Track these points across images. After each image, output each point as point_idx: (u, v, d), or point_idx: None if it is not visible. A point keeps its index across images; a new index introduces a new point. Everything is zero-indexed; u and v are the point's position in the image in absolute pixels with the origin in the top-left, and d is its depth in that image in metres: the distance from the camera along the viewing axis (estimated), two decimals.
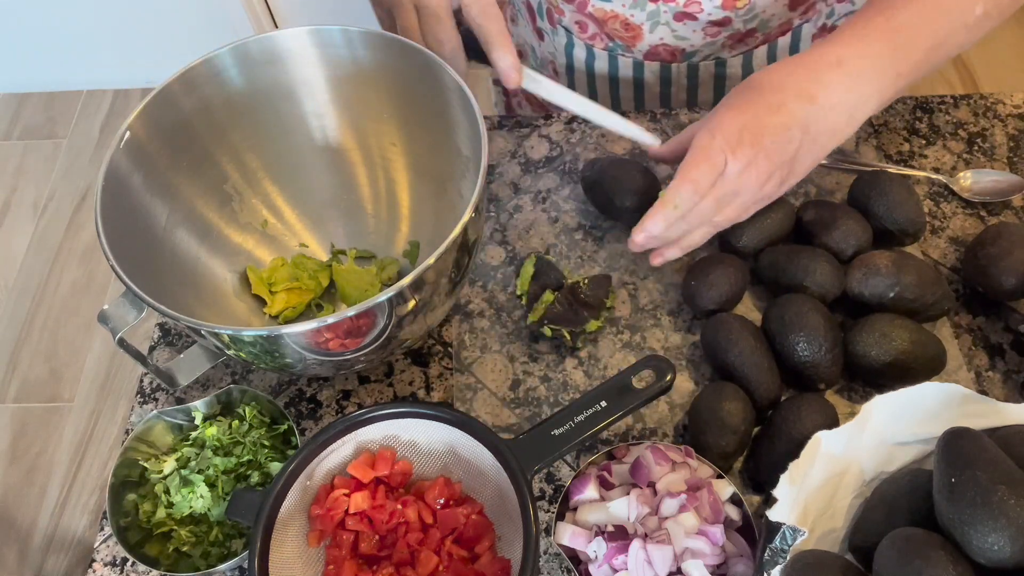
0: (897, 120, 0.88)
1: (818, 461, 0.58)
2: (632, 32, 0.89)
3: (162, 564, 0.63)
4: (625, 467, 0.63)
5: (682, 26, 0.87)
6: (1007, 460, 0.51)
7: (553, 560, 0.64)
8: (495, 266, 0.80)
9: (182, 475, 0.66)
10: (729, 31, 0.87)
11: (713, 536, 0.58)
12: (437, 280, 0.62)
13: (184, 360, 0.72)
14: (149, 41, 2.22)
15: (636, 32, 0.89)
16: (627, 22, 0.88)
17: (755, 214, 0.76)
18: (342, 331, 0.59)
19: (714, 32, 0.88)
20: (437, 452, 0.64)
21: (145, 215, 0.69)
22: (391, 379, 0.75)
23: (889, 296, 0.69)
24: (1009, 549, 0.48)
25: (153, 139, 0.69)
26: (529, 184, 0.86)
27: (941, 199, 0.82)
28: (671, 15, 0.86)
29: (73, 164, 2.25)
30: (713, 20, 0.86)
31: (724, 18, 0.85)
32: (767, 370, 0.67)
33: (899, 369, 0.66)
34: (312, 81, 0.74)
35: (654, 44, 0.90)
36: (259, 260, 0.79)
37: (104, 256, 0.60)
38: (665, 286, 0.78)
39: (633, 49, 0.92)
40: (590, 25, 0.92)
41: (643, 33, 0.89)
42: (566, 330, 0.72)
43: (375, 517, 0.60)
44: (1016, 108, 0.88)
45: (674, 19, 0.86)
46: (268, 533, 0.58)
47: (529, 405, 0.72)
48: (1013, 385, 0.70)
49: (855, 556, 0.58)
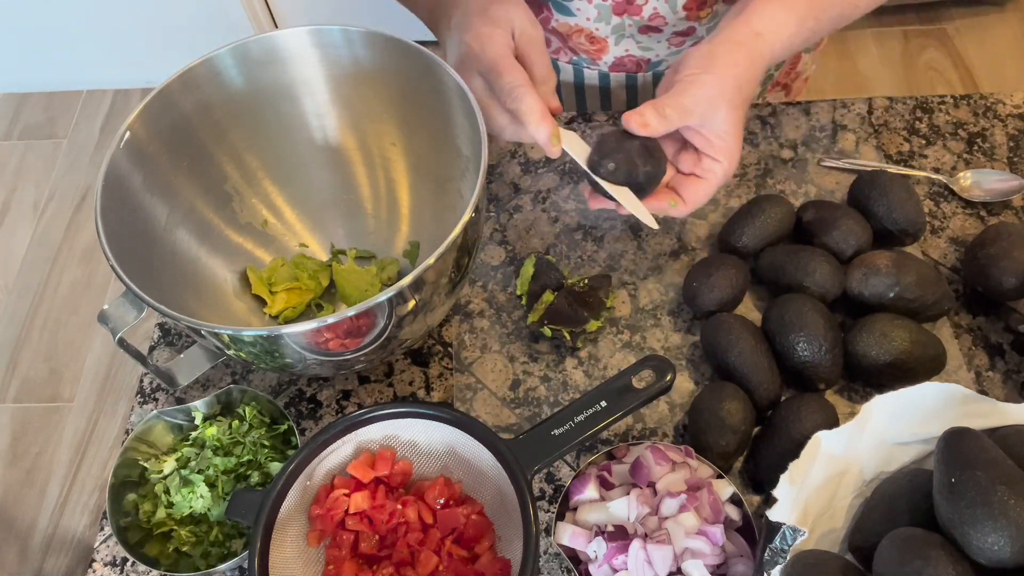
0: (897, 120, 0.88)
1: (818, 461, 0.58)
2: (597, 45, 0.89)
3: (162, 564, 0.63)
4: (625, 467, 0.63)
5: (647, 38, 0.87)
6: (1007, 460, 0.51)
7: (553, 560, 0.64)
8: (495, 266, 0.80)
9: (182, 475, 0.66)
10: (693, 40, 0.88)
11: (713, 536, 0.58)
12: (437, 280, 0.62)
13: (184, 360, 0.72)
14: (149, 41, 2.22)
15: (601, 45, 0.89)
16: (592, 36, 0.88)
17: (755, 214, 0.77)
18: (342, 331, 0.59)
19: (679, 42, 0.88)
20: (437, 452, 0.64)
21: (145, 215, 0.69)
22: (391, 379, 0.75)
23: (889, 296, 0.69)
24: (1009, 549, 0.48)
25: (153, 139, 0.69)
26: (529, 184, 0.86)
27: (941, 199, 0.82)
28: (636, 28, 0.86)
29: (73, 164, 2.24)
30: (677, 31, 0.86)
31: (688, 28, 0.86)
32: (767, 370, 0.67)
33: (899, 369, 0.66)
34: (312, 81, 0.74)
35: (619, 56, 0.90)
36: (259, 260, 0.79)
37: (104, 256, 0.60)
38: (665, 286, 0.78)
39: (598, 62, 0.92)
40: (554, 40, 0.92)
41: (608, 46, 0.89)
42: (566, 330, 0.72)
43: (375, 517, 0.60)
44: (1016, 108, 0.88)
45: (639, 32, 0.86)
46: (268, 533, 0.58)
47: (529, 405, 0.72)
48: (1013, 385, 0.70)
49: (855, 556, 0.58)
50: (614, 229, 0.82)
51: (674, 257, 0.80)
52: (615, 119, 0.90)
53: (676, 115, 0.65)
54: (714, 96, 0.65)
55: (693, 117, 0.65)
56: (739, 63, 0.65)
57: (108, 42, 2.27)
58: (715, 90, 0.64)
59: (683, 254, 0.80)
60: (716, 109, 0.65)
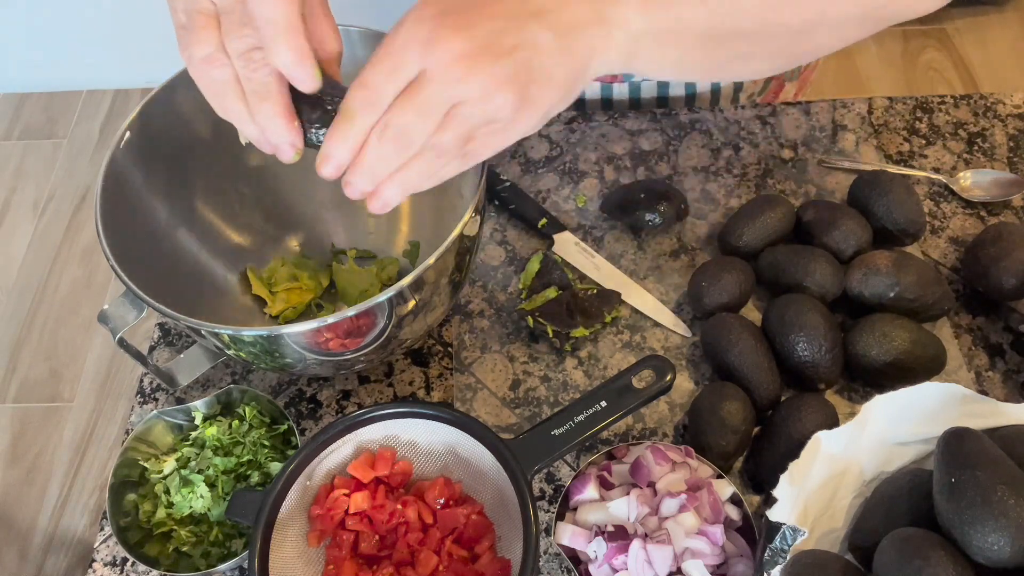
0: (897, 120, 0.88)
1: (818, 461, 0.58)
2: None
3: (162, 564, 0.63)
4: (625, 467, 0.63)
5: None
6: (1007, 460, 0.51)
7: (553, 560, 0.64)
8: (495, 266, 0.80)
9: (182, 475, 0.66)
10: None
11: (713, 536, 0.58)
12: (437, 280, 0.62)
13: (184, 360, 0.72)
14: (149, 41, 2.21)
15: None
16: None
17: (755, 214, 0.76)
18: (342, 331, 0.59)
19: None
20: (437, 452, 0.64)
21: (145, 215, 0.69)
22: (391, 379, 0.75)
23: (889, 296, 0.69)
24: (1009, 549, 0.48)
25: (153, 139, 0.69)
26: (529, 184, 0.86)
27: (941, 199, 0.82)
28: None
29: (73, 164, 2.24)
30: None
31: None
32: (767, 370, 0.67)
33: (899, 369, 0.66)
34: None
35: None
36: (259, 260, 0.79)
37: (104, 256, 0.60)
38: (665, 286, 0.78)
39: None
40: None
41: None
42: (551, 327, 0.72)
43: (375, 517, 0.60)
44: (1016, 108, 0.88)
45: None
46: (268, 533, 0.58)
47: (529, 405, 0.72)
48: (1013, 385, 0.70)
49: (855, 556, 0.58)
50: (614, 229, 0.82)
51: (674, 257, 0.80)
52: (615, 119, 0.90)
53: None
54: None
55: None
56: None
57: (108, 42, 2.27)
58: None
59: (683, 254, 0.80)
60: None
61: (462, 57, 0.44)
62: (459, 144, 0.47)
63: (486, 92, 0.45)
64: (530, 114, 0.47)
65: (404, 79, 0.45)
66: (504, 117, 0.46)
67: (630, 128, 0.89)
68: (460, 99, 0.45)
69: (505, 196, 0.82)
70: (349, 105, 0.47)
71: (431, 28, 0.44)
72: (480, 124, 0.47)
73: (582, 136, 0.89)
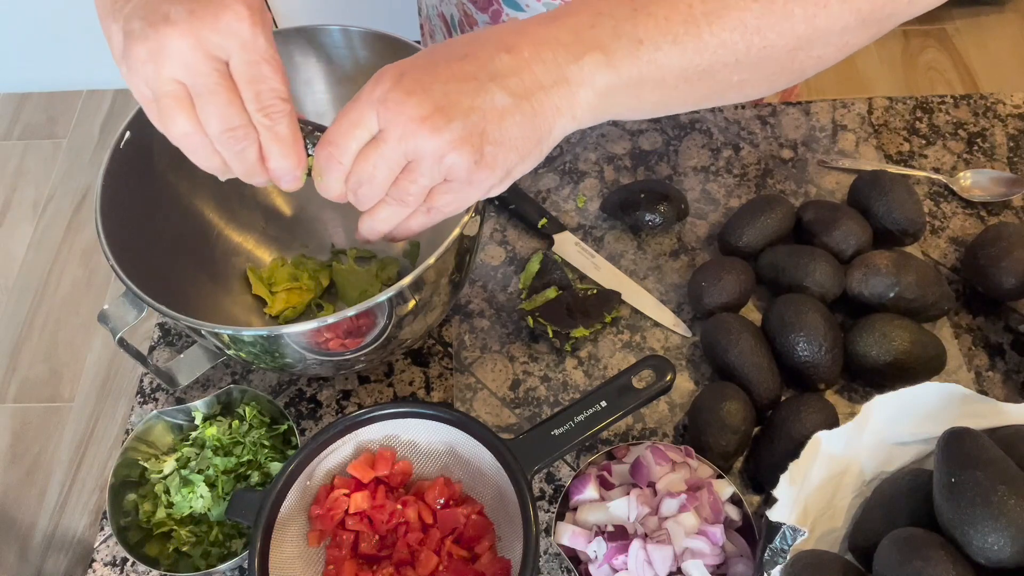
0: (897, 120, 0.88)
1: (818, 461, 0.58)
2: None
3: (162, 564, 0.63)
4: (625, 467, 0.63)
5: None
6: (1007, 460, 0.51)
7: (553, 560, 0.64)
8: (495, 266, 0.80)
9: (182, 475, 0.66)
10: None
11: (713, 536, 0.58)
12: (437, 280, 0.62)
13: (184, 360, 0.72)
14: None
15: None
16: None
17: (755, 214, 0.76)
18: (342, 331, 0.59)
19: None
20: (437, 452, 0.64)
21: (145, 215, 0.69)
22: (391, 379, 0.75)
23: (889, 296, 0.69)
24: (1009, 549, 0.48)
25: (153, 139, 0.68)
26: (529, 184, 0.86)
27: (941, 199, 0.82)
28: None
29: (73, 164, 2.24)
30: None
31: None
32: (767, 370, 0.67)
33: (899, 369, 0.66)
34: (312, 81, 0.74)
35: None
36: (259, 260, 0.79)
37: (104, 256, 0.60)
38: (665, 286, 0.78)
39: None
40: None
41: None
42: (551, 327, 0.72)
43: (375, 517, 0.60)
44: (1016, 108, 0.88)
45: None
46: (268, 533, 0.58)
47: (529, 405, 0.72)
48: (1013, 385, 0.70)
49: (855, 556, 0.58)
50: (614, 229, 0.82)
51: (674, 257, 0.80)
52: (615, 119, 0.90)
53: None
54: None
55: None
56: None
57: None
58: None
59: (683, 254, 0.80)
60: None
61: (415, 118, 0.46)
62: (418, 197, 0.49)
63: (438, 151, 0.46)
64: (487, 175, 0.48)
65: (367, 135, 0.48)
66: (460, 177, 0.48)
67: (630, 128, 0.89)
68: (414, 156, 0.47)
69: (505, 196, 0.82)
70: (317, 162, 0.50)
71: (386, 90, 0.46)
72: (437, 181, 0.48)
73: (582, 136, 0.89)
